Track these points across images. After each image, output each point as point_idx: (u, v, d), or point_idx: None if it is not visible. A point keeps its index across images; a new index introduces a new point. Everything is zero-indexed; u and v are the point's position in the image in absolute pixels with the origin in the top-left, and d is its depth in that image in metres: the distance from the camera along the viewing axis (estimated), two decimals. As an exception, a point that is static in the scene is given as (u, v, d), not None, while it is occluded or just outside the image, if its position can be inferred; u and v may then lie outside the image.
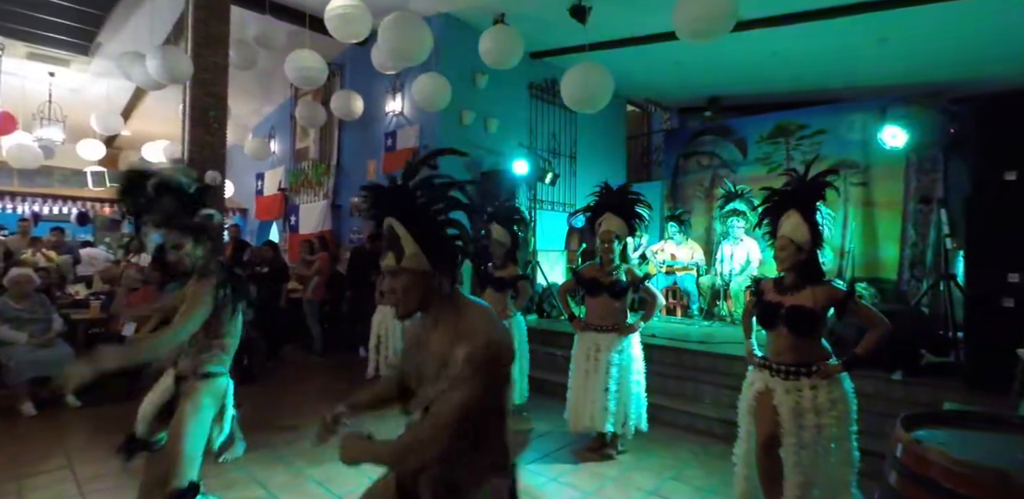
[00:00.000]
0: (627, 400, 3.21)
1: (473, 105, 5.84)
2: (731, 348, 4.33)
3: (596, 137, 7.60)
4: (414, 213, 1.23)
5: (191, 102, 5.24)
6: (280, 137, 8.84)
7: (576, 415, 3.30)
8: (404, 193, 1.25)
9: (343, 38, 4.10)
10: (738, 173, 7.20)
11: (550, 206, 6.83)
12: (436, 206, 1.25)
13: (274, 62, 5.94)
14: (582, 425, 3.27)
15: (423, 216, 1.24)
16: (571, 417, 3.33)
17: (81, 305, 5.30)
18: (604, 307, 3.28)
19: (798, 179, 2.34)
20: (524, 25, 4.90)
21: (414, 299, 1.23)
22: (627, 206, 3.29)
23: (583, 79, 3.76)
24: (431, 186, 1.26)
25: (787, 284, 2.28)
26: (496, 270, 3.92)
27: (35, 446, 3.46)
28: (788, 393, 2.19)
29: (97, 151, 8.60)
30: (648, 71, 6.96)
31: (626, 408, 3.22)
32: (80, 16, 6.15)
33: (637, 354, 3.31)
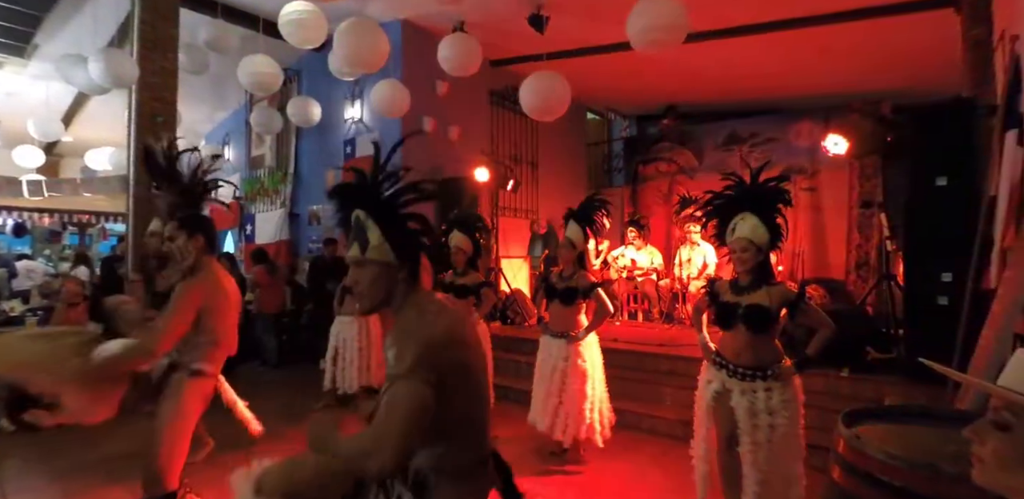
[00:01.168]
0: (575, 408, 3.20)
1: (434, 112, 5.82)
2: (691, 350, 4.40)
3: (557, 144, 7.69)
4: (381, 204, 1.24)
5: (137, 107, 5.03)
6: (235, 144, 8.59)
7: (536, 419, 3.32)
8: (372, 185, 1.26)
9: (298, 44, 4.03)
10: (695, 179, 7.41)
11: (512, 213, 6.85)
12: (401, 199, 1.27)
13: (227, 67, 5.78)
14: (531, 421, 3.30)
15: (389, 208, 1.25)
16: (533, 419, 3.35)
17: (17, 322, 4.98)
18: (557, 312, 3.33)
19: (743, 182, 2.42)
20: (484, 33, 4.93)
21: (378, 292, 1.22)
22: (586, 213, 3.33)
23: (541, 87, 3.80)
24: (397, 179, 1.27)
25: (743, 285, 2.35)
26: (458, 277, 3.90)
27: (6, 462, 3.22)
28: (744, 394, 2.25)
29: (35, 158, 8.15)
30: (606, 79, 7.11)
31: (576, 415, 3.20)
32: (14, 16, 5.84)
33: (592, 362, 3.30)
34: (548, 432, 3.27)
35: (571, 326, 3.29)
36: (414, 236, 1.27)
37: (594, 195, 3.47)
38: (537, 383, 3.35)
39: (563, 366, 3.21)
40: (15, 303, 5.87)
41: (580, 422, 3.21)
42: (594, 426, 3.26)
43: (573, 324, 3.30)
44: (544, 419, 3.26)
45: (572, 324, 3.30)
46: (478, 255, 3.96)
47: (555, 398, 3.18)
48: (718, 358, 2.38)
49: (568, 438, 3.22)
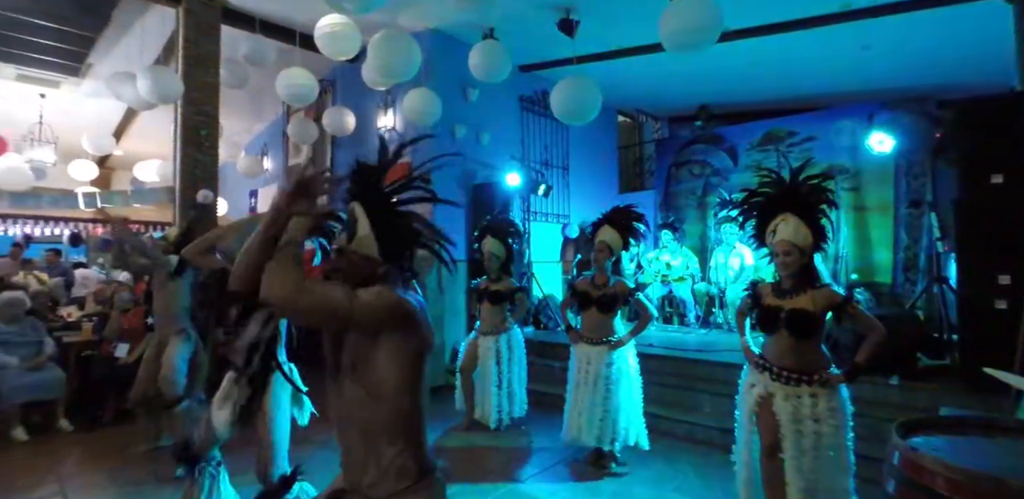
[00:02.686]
0: (617, 415, 3.17)
1: (464, 119, 5.88)
2: (729, 356, 4.32)
3: (588, 148, 7.65)
4: (376, 199, 1.26)
5: (183, 121, 5.25)
6: (273, 154, 8.85)
7: (568, 427, 3.28)
8: (371, 178, 1.28)
9: (333, 55, 4.13)
10: (730, 181, 7.25)
11: (544, 217, 6.84)
12: (399, 196, 1.29)
13: (265, 80, 5.97)
14: (571, 437, 3.26)
15: (384, 203, 1.27)
16: (565, 427, 3.31)
17: (73, 327, 5.24)
18: (594, 320, 3.28)
19: (782, 181, 2.35)
20: (513, 39, 4.95)
21: (352, 282, 1.22)
22: (624, 219, 3.28)
23: (572, 92, 3.79)
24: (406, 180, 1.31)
25: (786, 288, 2.28)
26: (491, 283, 3.92)
27: (28, 472, 3.40)
28: (787, 399, 2.18)
29: (89, 172, 8.59)
30: (637, 82, 7.04)
31: (614, 422, 3.17)
32: (70, 38, 6.18)
33: (630, 368, 3.28)
34: (578, 439, 3.22)
35: (609, 332, 3.25)
36: (405, 235, 1.28)
37: (630, 206, 3.42)
38: (575, 392, 3.29)
39: (607, 372, 3.17)
40: (72, 309, 6.17)
41: (624, 429, 3.16)
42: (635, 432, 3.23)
43: (611, 330, 3.26)
44: (585, 428, 3.21)
45: (610, 330, 3.26)
46: (511, 260, 3.97)
47: (600, 406, 3.13)
48: (761, 361, 2.32)
49: (613, 445, 3.17)
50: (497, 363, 3.85)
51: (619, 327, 3.30)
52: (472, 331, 4.09)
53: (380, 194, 1.27)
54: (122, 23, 5.87)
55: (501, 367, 3.86)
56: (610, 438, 3.16)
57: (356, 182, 1.29)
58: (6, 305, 4.20)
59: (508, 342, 3.93)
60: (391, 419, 1.18)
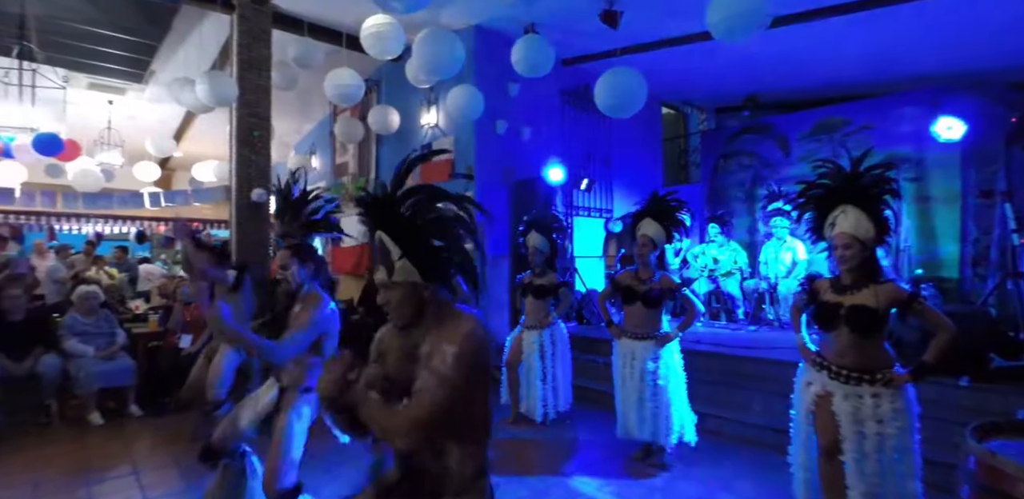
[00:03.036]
0: (668, 410, 3.13)
1: (506, 114, 5.89)
2: (780, 353, 4.18)
3: (631, 141, 7.53)
4: (400, 225, 1.23)
5: (237, 123, 5.48)
6: (320, 153, 9.12)
7: (620, 423, 3.26)
8: (389, 205, 1.25)
9: (378, 55, 4.21)
10: (780, 172, 6.99)
11: (586, 212, 6.79)
12: (423, 217, 1.24)
13: (313, 81, 6.15)
14: (623, 433, 3.23)
15: (409, 228, 1.23)
16: (620, 424, 3.29)
17: (141, 319, 5.58)
18: (639, 315, 3.23)
19: (842, 171, 2.25)
20: (554, 33, 4.92)
21: (408, 311, 1.25)
22: (666, 211, 3.22)
23: (616, 84, 3.73)
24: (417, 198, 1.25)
25: (846, 283, 2.19)
26: (535, 278, 3.93)
27: (102, 453, 3.64)
28: (848, 399, 2.09)
29: (152, 173, 9.09)
30: (682, 72, 6.86)
31: (667, 418, 3.13)
32: (135, 47, 6.54)
33: (674, 364, 3.22)
34: (629, 434, 3.21)
35: (655, 327, 3.21)
36: (439, 253, 1.25)
37: (668, 194, 3.34)
38: (622, 389, 3.26)
39: (653, 367, 3.13)
40: (139, 302, 6.57)
41: (672, 424, 3.13)
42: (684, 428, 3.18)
43: (657, 325, 3.22)
44: (637, 423, 3.19)
45: (656, 325, 3.21)
46: (555, 255, 3.96)
47: (650, 402, 3.10)
48: (818, 359, 2.24)
49: (663, 441, 3.14)
50: (541, 357, 3.86)
51: (664, 322, 3.25)
52: (517, 326, 4.11)
53: (403, 220, 1.24)
54: (182, 31, 6.17)
55: (546, 362, 3.86)
56: (663, 434, 3.12)
57: (373, 210, 1.27)
58: (83, 298, 4.51)
59: (552, 337, 3.93)
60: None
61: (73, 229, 9.93)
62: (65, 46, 6.38)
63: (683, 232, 3.28)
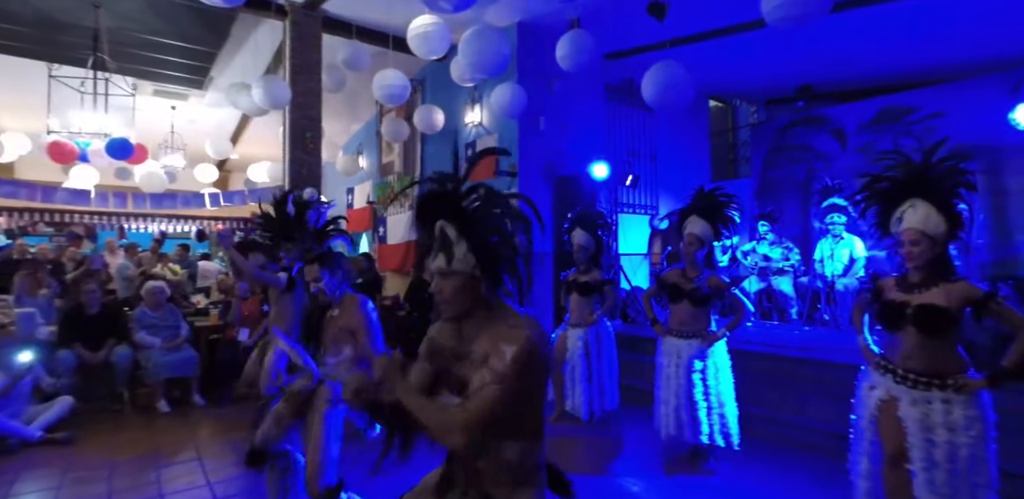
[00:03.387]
0: (718, 411, 3.06)
1: (550, 111, 5.86)
2: (837, 355, 4.00)
3: (677, 136, 7.36)
4: (466, 216, 1.26)
5: (290, 125, 5.68)
6: (367, 153, 9.35)
7: (662, 423, 3.20)
8: (454, 197, 1.28)
9: (424, 55, 4.27)
10: (837, 165, 6.69)
11: (631, 209, 6.68)
12: (488, 212, 1.27)
13: (360, 83, 6.31)
14: (666, 433, 3.17)
15: (475, 220, 1.26)
16: (661, 424, 3.24)
17: (202, 313, 5.88)
18: (685, 314, 3.16)
19: (911, 163, 2.12)
20: (599, 27, 4.85)
21: (461, 302, 1.26)
22: (714, 208, 3.13)
23: (664, 77, 3.65)
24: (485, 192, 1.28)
25: (914, 281, 2.07)
26: (580, 275, 3.90)
27: (170, 440, 3.87)
28: (915, 405, 1.98)
29: (211, 174, 9.56)
30: (731, 63, 6.64)
31: (715, 419, 3.06)
32: (196, 54, 6.88)
33: (722, 364, 3.14)
34: (673, 435, 3.13)
35: (702, 327, 3.13)
36: (498, 249, 1.27)
37: (715, 189, 3.25)
38: (666, 388, 3.20)
39: (701, 367, 3.07)
40: (200, 297, 6.92)
41: (726, 426, 3.05)
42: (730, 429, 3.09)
43: (705, 324, 3.14)
44: (683, 424, 3.13)
45: (704, 325, 3.14)
46: (601, 253, 3.92)
47: (701, 402, 3.04)
48: (883, 361, 2.13)
49: (712, 442, 3.07)
50: (586, 356, 3.83)
51: (712, 321, 3.17)
52: (561, 324, 4.09)
53: (470, 212, 1.27)
54: (238, 38, 6.44)
55: (590, 360, 3.83)
56: (712, 435, 3.05)
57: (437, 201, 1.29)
58: (151, 293, 4.80)
59: (597, 335, 3.89)
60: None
61: (140, 228, 10.56)
62: (133, 56, 6.79)
63: (732, 229, 3.18)
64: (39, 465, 3.40)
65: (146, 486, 3.08)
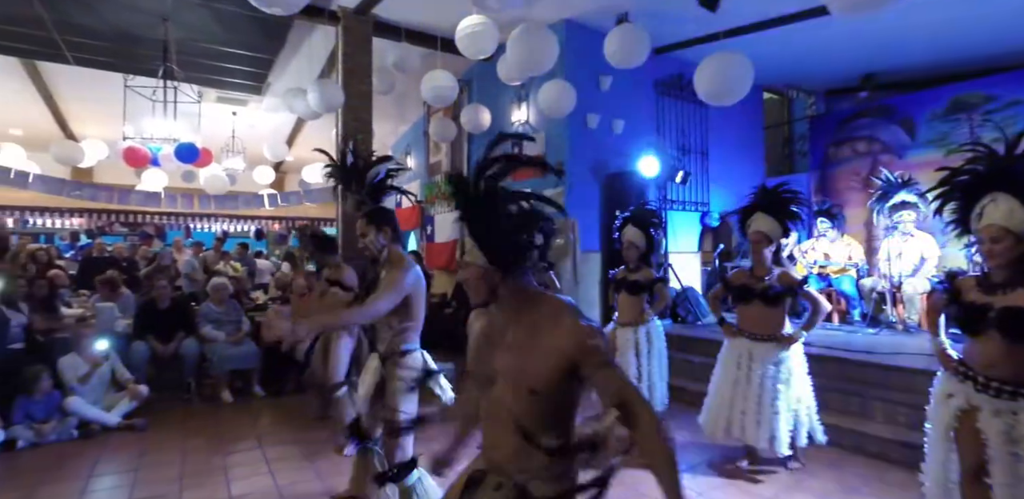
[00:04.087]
0: (789, 416, 2.93)
1: (597, 107, 5.80)
2: (905, 359, 3.78)
3: (730, 130, 7.12)
4: (475, 211, 1.27)
5: (343, 127, 5.86)
6: (415, 153, 9.52)
7: (714, 422, 3.09)
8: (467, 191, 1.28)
9: (472, 55, 4.30)
10: (905, 158, 6.32)
11: (681, 206, 6.52)
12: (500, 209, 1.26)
13: (408, 85, 6.43)
14: (719, 434, 3.06)
15: (483, 216, 1.26)
16: (707, 423, 3.14)
17: (261, 309, 6.15)
18: (757, 315, 3.02)
19: (995, 156, 1.97)
20: (648, 21, 4.76)
21: (481, 291, 1.29)
22: (779, 205, 3.00)
23: (719, 70, 3.54)
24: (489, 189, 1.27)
25: (996, 282, 1.93)
26: (630, 273, 3.84)
27: (233, 428, 4.07)
28: (999, 415, 1.84)
29: (269, 176, 9.99)
30: (788, 54, 6.37)
31: (789, 424, 2.93)
32: (255, 62, 7.20)
33: (797, 367, 3.00)
34: (736, 437, 3.04)
35: (776, 328, 3.00)
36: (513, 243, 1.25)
37: (779, 185, 3.12)
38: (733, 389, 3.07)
39: (775, 371, 2.93)
40: (259, 293, 7.25)
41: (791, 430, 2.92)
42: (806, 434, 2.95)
43: (779, 326, 3.00)
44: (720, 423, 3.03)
45: (778, 326, 3.00)
46: (651, 251, 3.85)
47: (769, 407, 2.90)
48: (962, 368, 1.99)
49: (775, 449, 2.93)
50: (636, 355, 3.76)
51: (786, 322, 3.03)
52: (610, 322, 4.04)
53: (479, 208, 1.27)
54: (294, 44, 6.69)
55: (640, 359, 3.77)
56: (776, 441, 2.91)
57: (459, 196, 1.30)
58: (217, 289, 5.06)
59: (647, 334, 3.82)
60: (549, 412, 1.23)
61: (204, 227, 11.14)
62: (199, 65, 7.17)
63: (798, 225, 3.05)
64: (117, 449, 3.66)
65: (214, 471, 3.25)
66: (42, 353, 4.20)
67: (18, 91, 8.29)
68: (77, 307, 5.30)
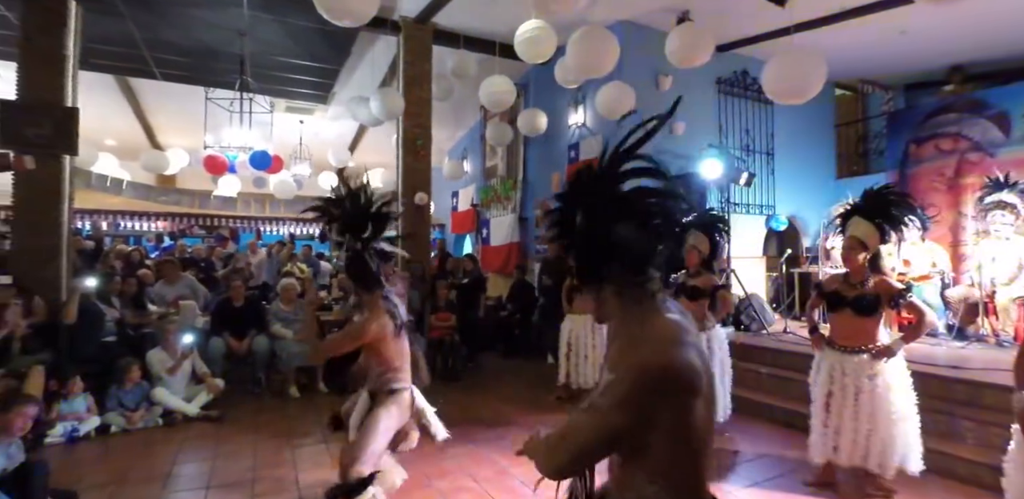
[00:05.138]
0: (884, 434, 2.70)
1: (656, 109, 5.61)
2: (999, 375, 3.46)
3: (797, 129, 6.80)
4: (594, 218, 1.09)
5: (403, 134, 6.03)
6: (471, 157, 9.67)
7: (813, 443, 2.91)
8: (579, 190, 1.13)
9: (531, 59, 4.32)
10: (997, 156, 5.81)
11: (744, 209, 6.28)
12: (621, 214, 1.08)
13: (465, 90, 6.55)
14: (820, 455, 2.87)
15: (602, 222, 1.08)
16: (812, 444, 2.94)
17: (325, 308, 6.40)
18: (848, 324, 2.82)
19: None
20: (709, 18, 4.63)
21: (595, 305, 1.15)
22: (883, 209, 2.78)
23: (789, 68, 3.38)
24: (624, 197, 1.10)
25: None
26: (690, 278, 3.73)
27: (300, 422, 4.25)
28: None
29: (332, 181, 10.40)
30: (863, 46, 6.01)
31: (882, 444, 2.70)
32: (322, 72, 7.55)
33: (897, 381, 2.75)
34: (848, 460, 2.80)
35: (869, 340, 2.78)
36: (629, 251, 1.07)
37: (885, 187, 2.90)
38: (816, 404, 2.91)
39: (870, 386, 2.72)
40: (323, 293, 7.55)
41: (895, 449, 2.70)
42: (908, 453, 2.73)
43: (872, 337, 2.79)
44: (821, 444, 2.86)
45: (871, 337, 2.79)
46: (714, 255, 3.72)
47: (864, 424, 2.70)
48: None
49: (874, 468, 2.73)
50: (697, 363, 3.64)
51: (881, 333, 2.81)
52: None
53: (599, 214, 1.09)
54: (358, 54, 6.97)
55: (701, 368, 3.64)
56: (875, 461, 2.70)
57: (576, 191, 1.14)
58: (286, 289, 5.32)
59: (709, 342, 3.69)
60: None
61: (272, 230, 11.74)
62: (271, 77, 7.59)
63: (901, 230, 2.79)
64: (197, 437, 3.90)
65: (283, 463, 3.41)
66: (132, 346, 4.56)
67: (113, 105, 9.06)
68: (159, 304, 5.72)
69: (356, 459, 2.19)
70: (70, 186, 5.09)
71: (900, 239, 2.82)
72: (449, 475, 3.20)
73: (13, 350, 4.05)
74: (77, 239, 6.11)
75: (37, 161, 4.75)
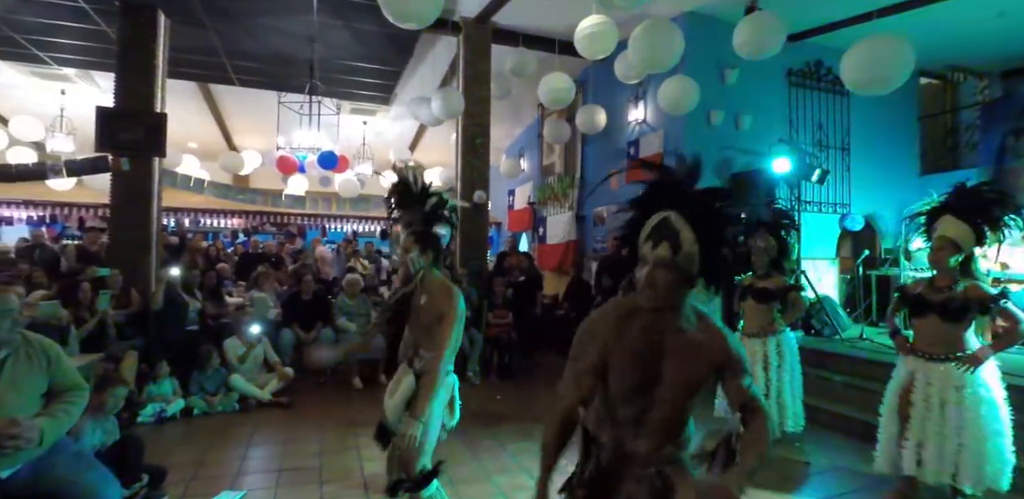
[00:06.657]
0: (974, 449, 2.49)
1: (721, 103, 5.48)
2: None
3: (876, 122, 6.37)
4: (703, 216, 1.20)
5: (462, 132, 6.12)
6: (528, 155, 9.68)
7: (882, 454, 2.74)
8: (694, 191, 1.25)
9: (591, 55, 4.27)
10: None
11: (816, 207, 5.96)
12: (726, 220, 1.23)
13: (524, 89, 6.55)
14: (883, 467, 2.70)
15: (711, 222, 1.20)
16: (877, 455, 2.77)
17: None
18: (932, 331, 2.62)
19: None
20: (779, 7, 4.40)
21: (671, 296, 1.23)
22: (979, 207, 2.57)
23: (873, 55, 3.16)
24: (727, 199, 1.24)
25: None
26: (758, 280, 3.57)
27: (363, 412, 4.40)
28: None
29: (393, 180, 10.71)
30: (953, 31, 5.55)
31: (972, 461, 2.50)
32: (385, 74, 7.78)
33: (989, 394, 2.53)
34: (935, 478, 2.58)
35: (956, 347, 2.58)
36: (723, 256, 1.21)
37: (982, 184, 2.67)
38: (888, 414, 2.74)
39: (957, 397, 2.52)
40: (385, 289, 7.80)
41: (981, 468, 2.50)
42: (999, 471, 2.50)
43: (960, 345, 2.58)
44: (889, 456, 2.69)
45: (958, 345, 2.58)
46: (783, 256, 3.55)
47: (952, 438, 2.51)
48: None
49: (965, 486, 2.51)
50: (765, 369, 3.49)
51: (970, 341, 2.59)
52: (735, 332, 3.79)
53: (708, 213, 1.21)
54: (419, 55, 7.12)
55: (769, 374, 3.48)
56: (966, 477, 2.50)
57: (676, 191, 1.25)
58: (351, 284, 5.53)
59: (778, 346, 3.53)
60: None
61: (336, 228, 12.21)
62: (338, 80, 7.90)
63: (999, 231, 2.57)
64: (267, 423, 4.13)
65: (348, 450, 3.55)
66: (212, 335, 4.88)
67: (195, 110, 9.71)
68: (236, 296, 6.08)
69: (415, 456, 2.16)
70: (159, 186, 5.50)
71: (1000, 241, 2.58)
72: (508, 471, 3.23)
73: (110, 336, 4.44)
74: (164, 235, 6.60)
75: (131, 163, 5.18)
